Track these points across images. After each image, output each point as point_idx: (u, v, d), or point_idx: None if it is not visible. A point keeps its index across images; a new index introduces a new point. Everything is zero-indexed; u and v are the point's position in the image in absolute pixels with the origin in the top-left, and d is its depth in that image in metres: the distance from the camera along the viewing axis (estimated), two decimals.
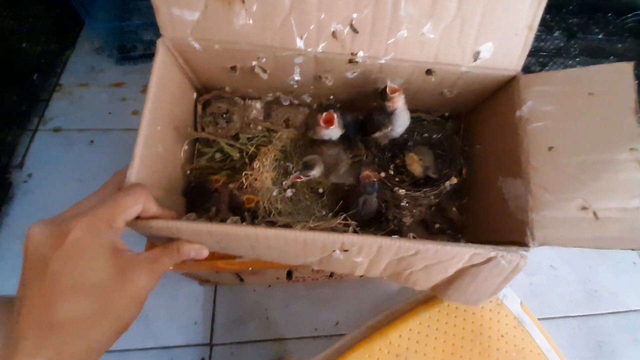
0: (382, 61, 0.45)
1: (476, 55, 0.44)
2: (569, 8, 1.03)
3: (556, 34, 1.01)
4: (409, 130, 0.54)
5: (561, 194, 0.40)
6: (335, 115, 0.47)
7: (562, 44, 0.96)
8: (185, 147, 0.50)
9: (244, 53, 0.45)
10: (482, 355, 0.51)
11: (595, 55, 1.00)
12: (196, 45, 0.44)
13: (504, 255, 0.37)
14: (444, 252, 0.37)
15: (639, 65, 0.42)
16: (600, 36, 0.99)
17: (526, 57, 0.45)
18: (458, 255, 0.37)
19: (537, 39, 0.99)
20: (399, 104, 0.48)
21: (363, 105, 0.55)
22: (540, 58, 1.02)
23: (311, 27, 0.42)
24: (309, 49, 0.44)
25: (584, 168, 0.39)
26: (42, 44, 1.02)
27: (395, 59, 0.45)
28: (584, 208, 0.39)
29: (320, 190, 0.53)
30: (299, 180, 0.48)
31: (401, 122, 0.50)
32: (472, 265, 0.39)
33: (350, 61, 0.45)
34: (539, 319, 0.79)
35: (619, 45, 0.99)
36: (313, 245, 0.37)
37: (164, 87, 0.43)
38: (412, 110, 0.57)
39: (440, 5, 0.41)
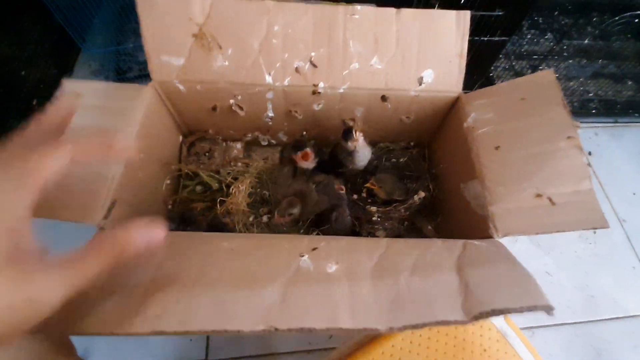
0: (341, 90, 0.48)
1: (420, 80, 0.47)
2: (561, 9, 1.00)
3: (548, 35, 1.01)
4: (379, 157, 0.55)
5: (514, 185, 0.39)
6: (310, 151, 0.48)
7: (554, 46, 0.96)
8: (168, 181, 0.51)
9: (222, 92, 0.48)
10: None
11: (588, 56, 1.00)
12: (181, 87, 0.47)
13: (475, 243, 0.35)
14: (414, 242, 0.35)
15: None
16: (589, 39, 0.99)
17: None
18: (434, 245, 0.35)
19: (529, 42, 1.02)
20: (359, 142, 0.49)
21: (333, 139, 0.56)
22: (531, 61, 0.99)
23: (277, 65, 0.46)
24: (277, 83, 0.47)
25: (529, 160, 0.40)
26: (41, 69, 0.99)
27: (352, 87, 0.48)
28: (539, 195, 0.38)
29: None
30: (281, 220, 0.47)
31: (362, 157, 0.51)
32: None
33: (314, 92, 0.48)
34: (535, 327, 0.72)
35: (615, 45, 1.00)
36: (278, 252, 0.34)
37: (150, 123, 0.45)
38: (379, 142, 0.59)
39: (381, 43, 0.46)
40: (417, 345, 0.48)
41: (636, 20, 0.84)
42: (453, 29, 0.46)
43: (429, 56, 0.47)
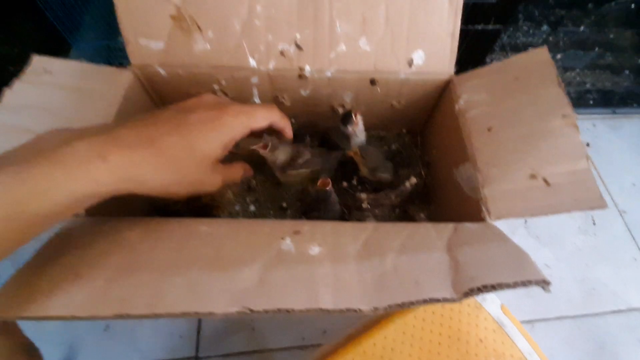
0: (328, 74, 0.46)
1: (410, 62, 0.45)
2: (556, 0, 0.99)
3: (544, 27, 1.00)
4: (370, 144, 0.53)
5: (507, 166, 0.37)
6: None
7: (550, 37, 0.94)
8: None
9: (205, 76, 0.46)
10: None
11: (584, 47, 0.98)
12: (162, 71, 0.45)
13: (467, 225, 0.33)
14: (402, 225, 0.33)
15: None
16: (585, 28, 0.97)
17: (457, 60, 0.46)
18: (423, 227, 0.33)
19: (525, 33, 1.00)
20: (359, 126, 0.47)
21: (323, 126, 0.55)
22: None
23: (261, 48, 0.44)
24: (262, 67, 0.45)
25: (523, 140, 0.38)
26: None
27: (339, 71, 0.46)
28: (533, 176, 0.36)
29: (284, 205, 0.50)
30: (261, 150, 0.43)
31: (359, 142, 0.49)
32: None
33: (300, 76, 0.46)
34: (534, 321, 0.70)
35: (611, 35, 0.98)
36: (258, 236, 0.32)
37: (130, 108, 0.44)
38: (370, 129, 0.57)
39: (370, 22, 0.44)
40: (410, 336, 0.46)
41: (632, 6, 0.82)
42: (445, 6, 0.44)
43: (419, 36, 0.45)
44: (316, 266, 0.27)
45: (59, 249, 0.29)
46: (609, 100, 0.97)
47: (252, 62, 0.45)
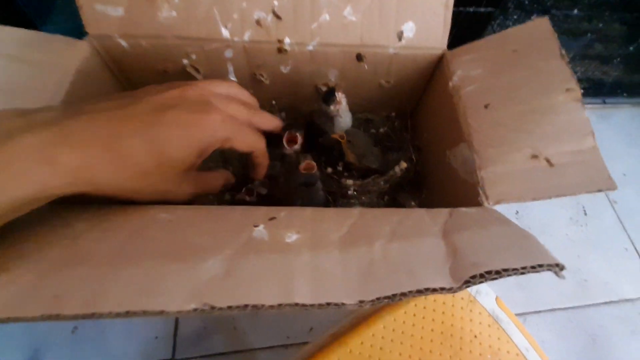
0: (310, 47, 0.42)
1: (400, 35, 0.41)
2: None
3: (534, 16, 0.97)
4: (356, 128, 0.49)
5: (507, 146, 0.34)
6: (298, 134, 0.42)
7: None
8: None
9: (172, 49, 0.41)
10: (454, 359, 0.39)
11: (573, 36, 0.95)
12: (123, 43, 0.40)
13: (463, 210, 0.29)
14: (392, 211, 0.29)
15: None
16: (576, 13, 0.93)
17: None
18: (416, 212, 0.29)
19: (515, 22, 0.96)
20: (342, 104, 0.43)
21: (306, 108, 0.50)
22: None
23: (235, 16, 0.40)
24: (236, 39, 0.41)
25: (524, 117, 0.34)
26: None
27: (322, 44, 0.41)
28: (535, 156, 0.32)
29: (264, 193, 0.45)
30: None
31: (343, 123, 0.45)
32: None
33: (279, 50, 0.42)
34: (526, 313, 0.68)
35: (600, 25, 0.95)
36: (227, 223, 0.28)
37: (87, 84, 0.39)
38: (358, 112, 0.53)
39: None
40: (401, 333, 0.42)
41: None
42: None
43: (410, 6, 0.41)
44: (293, 255, 0.23)
45: None
46: (599, 90, 0.96)
47: (225, 33, 0.40)
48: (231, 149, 0.31)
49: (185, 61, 0.43)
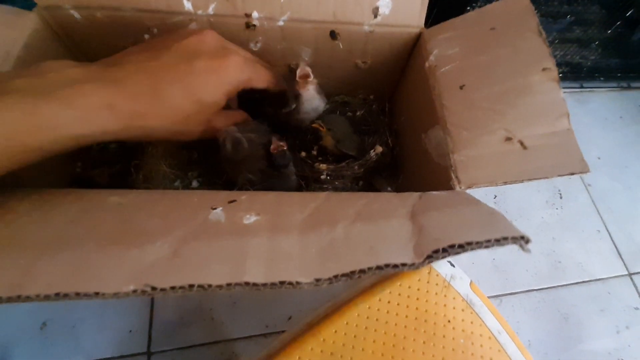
0: (281, 23, 0.39)
1: (375, 12, 0.39)
2: None
3: None
4: (332, 111, 0.47)
5: (480, 129, 0.33)
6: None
7: None
8: None
9: (131, 23, 0.38)
10: (427, 345, 0.40)
11: (555, 18, 0.96)
12: (76, 14, 0.37)
13: (433, 193, 0.28)
14: (360, 194, 0.28)
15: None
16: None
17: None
18: (384, 196, 0.28)
19: None
20: (309, 90, 0.41)
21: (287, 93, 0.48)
22: None
23: None
24: (199, 12, 0.38)
25: (498, 98, 0.33)
26: None
27: (294, 20, 0.39)
28: (508, 139, 0.31)
29: (234, 180, 0.43)
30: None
31: (308, 107, 0.43)
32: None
33: (248, 25, 0.39)
34: (502, 295, 0.69)
35: (579, 9, 0.96)
36: (182, 206, 0.26)
37: (35, 60, 0.35)
38: (334, 94, 0.51)
39: None
40: (375, 321, 0.42)
41: None
42: None
43: None
44: (249, 237, 0.21)
45: None
46: (577, 74, 0.96)
47: (188, 5, 0.37)
48: (251, 87, 0.35)
49: (146, 36, 0.40)
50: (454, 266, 0.46)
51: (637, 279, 0.76)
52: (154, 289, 0.18)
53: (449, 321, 0.43)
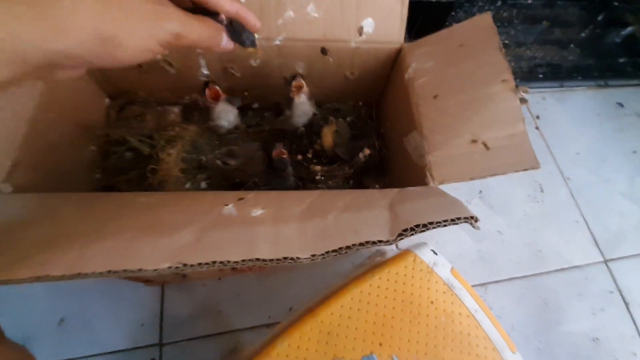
0: (277, 42, 0.45)
1: (360, 31, 0.45)
2: None
3: (498, 3, 1.02)
4: (323, 118, 0.53)
5: (450, 132, 0.38)
6: (217, 88, 0.45)
7: (504, 13, 0.98)
8: (93, 147, 0.46)
9: None
10: (412, 323, 0.46)
11: (535, 22, 1.02)
12: None
13: (410, 188, 0.34)
14: (348, 191, 0.33)
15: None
16: (533, 2, 0.99)
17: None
18: (368, 191, 0.34)
19: (481, 9, 1.00)
20: (301, 98, 0.47)
21: (276, 98, 0.53)
22: None
23: None
24: None
25: (465, 106, 0.39)
26: None
27: (288, 39, 0.45)
28: (474, 141, 0.37)
29: (238, 181, 0.49)
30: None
31: (299, 111, 0.49)
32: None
33: None
34: (487, 283, 0.75)
35: (560, 10, 1.02)
36: (199, 204, 0.31)
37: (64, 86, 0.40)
38: (326, 101, 0.56)
39: None
40: (366, 304, 0.48)
41: None
42: None
43: (369, 3, 0.44)
44: (257, 226, 0.27)
45: None
46: (557, 74, 1.02)
47: None
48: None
49: (158, 56, 0.45)
50: (436, 254, 0.52)
51: (612, 265, 0.82)
52: (185, 265, 0.23)
53: (431, 302, 0.49)
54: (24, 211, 0.30)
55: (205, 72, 0.49)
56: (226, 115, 0.48)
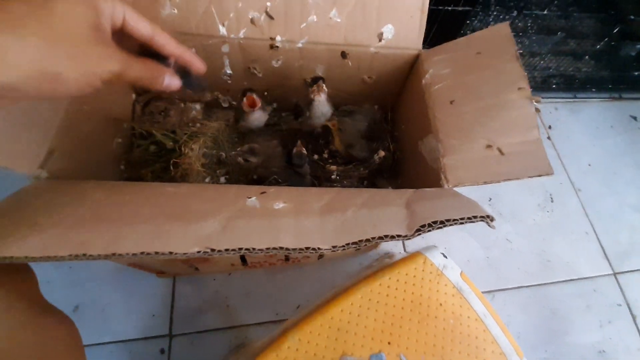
0: (300, 45, 0.46)
1: (380, 36, 0.46)
2: None
3: (514, 13, 1.04)
4: (341, 119, 0.54)
5: (466, 137, 0.40)
6: (256, 97, 0.46)
7: (519, 23, 1.01)
8: (119, 140, 0.48)
9: None
10: (421, 324, 0.46)
11: (550, 33, 1.05)
12: None
13: (426, 189, 0.35)
14: (365, 189, 0.35)
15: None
16: (550, 13, 1.04)
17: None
18: (385, 190, 0.35)
19: (496, 18, 1.03)
20: (321, 97, 0.48)
21: (296, 99, 0.55)
22: None
23: (231, 15, 0.44)
24: (232, 35, 0.45)
25: (482, 112, 0.40)
26: None
27: (310, 42, 0.46)
28: (489, 146, 0.38)
29: (255, 177, 0.50)
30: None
31: (318, 112, 0.51)
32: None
33: (271, 47, 0.46)
34: (495, 291, 0.75)
35: (575, 22, 1.06)
36: (224, 196, 0.33)
37: None
38: (343, 104, 0.58)
39: None
40: (376, 303, 0.49)
41: None
42: None
43: (389, 10, 0.46)
44: (279, 218, 0.28)
45: (20, 202, 0.29)
46: (571, 85, 1.03)
47: (222, 30, 0.45)
48: (124, 26, 0.29)
49: None
50: (446, 257, 0.53)
51: (621, 278, 0.82)
52: (212, 250, 0.25)
53: (440, 304, 0.50)
54: (60, 195, 0.32)
55: (229, 71, 0.51)
56: (256, 121, 0.50)
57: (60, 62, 0.24)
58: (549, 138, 0.98)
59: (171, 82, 0.30)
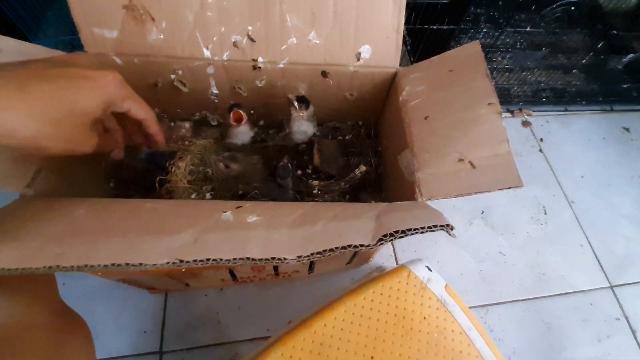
0: (281, 65, 0.48)
1: (358, 56, 0.49)
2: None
3: (507, 31, 1.08)
4: (325, 135, 0.56)
5: (439, 151, 0.41)
6: (242, 112, 0.48)
7: (508, 39, 1.06)
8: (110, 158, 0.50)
9: (161, 66, 0.48)
10: (405, 338, 0.47)
11: (540, 48, 1.09)
12: (118, 60, 0.47)
13: (398, 202, 0.36)
14: (339, 203, 0.36)
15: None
16: (537, 29, 1.08)
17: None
18: (358, 204, 0.36)
19: (485, 35, 1.07)
20: (300, 114, 0.50)
21: (280, 116, 0.57)
22: (488, 54, 1.06)
23: (214, 39, 0.46)
24: (216, 57, 0.47)
25: (454, 127, 0.41)
26: None
27: (291, 63, 0.48)
28: (461, 160, 0.40)
29: (240, 193, 0.52)
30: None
31: (299, 129, 0.52)
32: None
33: (254, 67, 0.49)
34: (489, 305, 0.75)
35: (564, 38, 1.10)
36: (200, 210, 0.34)
37: None
38: (327, 120, 0.60)
39: (319, 17, 0.47)
40: (359, 317, 0.49)
41: (572, 8, 0.89)
42: (390, 4, 0.48)
43: (366, 31, 0.48)
44: (250, 230, 0.30)
45: (2, 217, 0.31)
46: (561, 98, 1.04)
47: (207, 53, 0.47)
48: (128, 113, 0.36)
49: (172, 76, 0.50)
50: (431, 270, 0.53)
51: (619, 291, 0.81)
52: (181, 261, 0.26)
53: (424, 318, 0.50)
54: (44, 211, 0.33)
55: (215, 91, 0.53)
56: (243, 136, 0.52)
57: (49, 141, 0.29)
58: (540, 151, 0.99)
59: (117, 155, 0.41)
